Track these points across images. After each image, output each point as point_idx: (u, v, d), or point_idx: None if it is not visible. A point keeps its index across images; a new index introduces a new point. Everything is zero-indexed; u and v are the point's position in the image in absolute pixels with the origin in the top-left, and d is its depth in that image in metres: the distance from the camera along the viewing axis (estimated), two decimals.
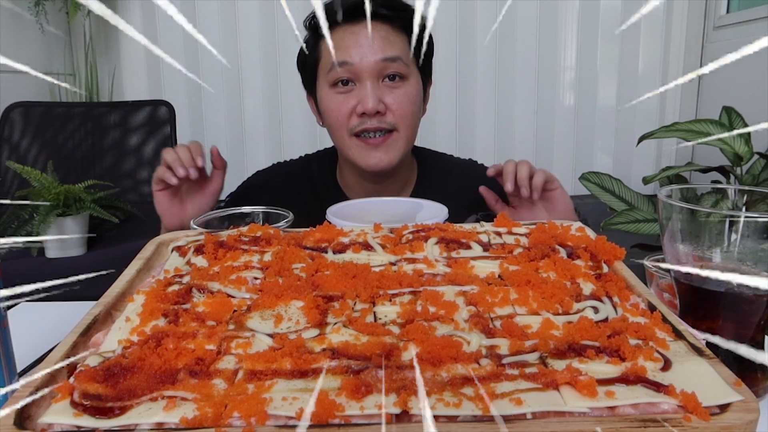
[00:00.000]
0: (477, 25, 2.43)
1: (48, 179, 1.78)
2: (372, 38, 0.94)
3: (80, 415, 0.38)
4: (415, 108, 0.99)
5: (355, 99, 0.96)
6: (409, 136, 1.01)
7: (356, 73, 0.95)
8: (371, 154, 0.98)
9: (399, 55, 0.95)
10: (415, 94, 0.99)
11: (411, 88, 0.98)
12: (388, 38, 0.95)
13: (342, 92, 0.97)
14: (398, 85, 0.97)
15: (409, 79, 0.98)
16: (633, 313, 0.50)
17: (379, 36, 0.95)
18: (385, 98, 0.95)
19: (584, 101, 2.48)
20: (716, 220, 0.55)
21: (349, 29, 0.95)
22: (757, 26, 2.04)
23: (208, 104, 2.52)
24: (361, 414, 0.37)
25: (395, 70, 0.95)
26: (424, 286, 0.54)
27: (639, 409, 0.38)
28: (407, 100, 0.97)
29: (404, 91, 0.97)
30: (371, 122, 0.96)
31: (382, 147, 0.98)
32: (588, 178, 2.06)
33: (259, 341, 0.46)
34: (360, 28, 0.95)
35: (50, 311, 0.86)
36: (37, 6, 2.22)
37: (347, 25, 0.96)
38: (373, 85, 0.95)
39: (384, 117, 0.96)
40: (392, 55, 0.94)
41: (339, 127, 0.98)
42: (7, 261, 1.72)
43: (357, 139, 0.98)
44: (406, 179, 1.11)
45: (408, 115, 0.98)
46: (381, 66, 0.94)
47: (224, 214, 0.86)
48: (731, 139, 1.73)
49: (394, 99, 0.96)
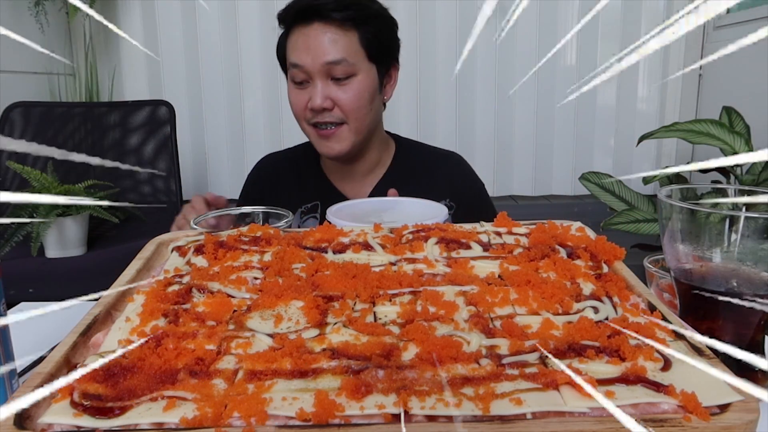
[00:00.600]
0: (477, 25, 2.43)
1: (48, 179, 1.78)
2: (319, 41, 1.02)
3: (80, 415, 0.38)
4: (362, 102, 1.07)
5: (308, 95, 1.05)
6: (359, 127, 1.08)
7: (307, 72, 1.04)
8: (323, 143, 1.09)
9: (343, 57, 1.03)
10: (364, 89, 1.06)
11: (359, 84, 1.05)
12: (334, 40, 1.03)
13: (299, 88, 1.07)
14: (345, 83, 1.05)
15: (357, 75, 1.05)
16: (633, 313, 0.50)
17: (326, 38, 1.03)
18: (332, 95, 1.04)
19: (584, 101, 2.48)
20: (716, 220, 0.55)
21: (303, 31, 1.04)
22: (757, 26, 2.03)
23: (208, 104, 2.51)
24: (361, 414, 0.37)
25: (341, 72, 1.03)
26: (424, 286, 0.54)
27: (639, 409, 0.38)
28: (354, 96, 1.05)
29: (351, 87, 1.05)
30: (321, 116, 1.06)
31: (333, 138, 1.08)
32: (588, 178, 2.06)
33: (259, 341, 0.46)
34: (310, 30, 1.03)
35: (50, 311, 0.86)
36: (37, 6, 2.22)
37: (301, 26, 1.05)
38: (322, 83, 1.04)
39: (332, 112, 1.06)
40: (335, 58, 1.02)
41: (299, 118, 1.10)
42: (7, 261, 1.72)
43: (312, 129, 1.09)
44: (377, 160, 1.20)
45: (355, 110, 1.06)
46: (326, 68, 1.03)
47: (224, 214, 0.86)
48: (731, 139, 1.73)
49: (343, 95, 1.04)
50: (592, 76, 0.27)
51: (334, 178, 1.20)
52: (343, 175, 1.19)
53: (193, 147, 2.54)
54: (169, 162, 2.06)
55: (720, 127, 1.77)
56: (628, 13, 2.40)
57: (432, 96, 2.48)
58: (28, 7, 2.22)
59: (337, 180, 1.20)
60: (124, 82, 2.52)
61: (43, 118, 2.06)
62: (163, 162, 2.06)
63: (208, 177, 2.57)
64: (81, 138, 2.08)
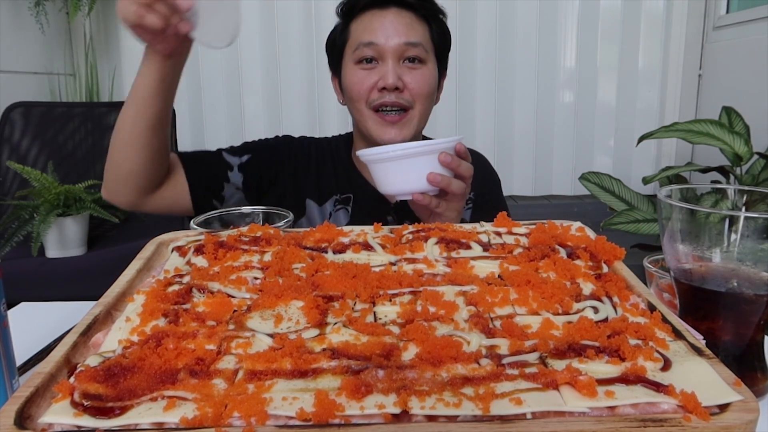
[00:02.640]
0: (477, 25, 2.43)
1: (48, 179, 1.78)
2: (397, 23, 1.04)
3: (80, 415, 0.38)
4: (430, 90, 1.07)
5: (377, 75, 1.04)
6: (423, 115, 1.08)
7: (380, 52, 1.04)
8: (387, 129, 1.06)
9: (420, 41, 1.04)
10: (432, 77, 1.07)
11: (428, 72, 1.06)
12: (411, 25, 1.05)
13: (366, 68, 1.05)
14: (417, 67, 1.05)
15: (427, 63, 1.06)
16: (633, 313, 0.50)
17: (404, 22, 1.04)
18: (404, 77, 1.04)
19: (584, 101, 2.48)
20: (716, 220, 0.55)
21: (378, 13, 1.05)
22: (756, 26, 2.04)
23: (208, 104, 2.51)
24: (361, 414, 0.37)
25: (415, 53, 1.04)
26: (424, 286, 0.54)
27: (639, 409, 0.38)
28: (424, 80, 1.05)
29: (422, 73, 1.05)
30: (389, 97, 1.03)
31: (398, 124, 1.05)
32: (588, 178, 2.06)
33: (259, 341, 0.46)
34: (387, 13, 1.05)
35: (50, 311, 0.86)
36: (37, 6, 2.22)
37: (376, 9, 1.06)
38: (394, 63, 1.03)
39: (402, 94, 1.04)
40: (414, 40, 1.04)
41: (359, 99, 1.06)
42: (7, 261, 1.72)
43: (375, 114, 1.06)
44: None
45: (424, 95, 1.05)
46: (403, 48, 1.03)
47: (224, 214, 0.87)
48: (731, 139, 1.73)
49: (413, 78, 1.04)
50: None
51: (365, 173, 1.17)
52: None
53: (193, 147, 2.54)
54: None
55: (719, 127, 1.77)
56: (628, 13, 2.40)
57: None
58: (28, 7, 2.22)
59: (369, 175, 1.16)
60: (125, 82, 2.52)
61: (43, 118, 2.06)
62: None
63: None
64: (81, 138, 2.08)
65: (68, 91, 2.45)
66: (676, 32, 2.42)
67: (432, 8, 1.08)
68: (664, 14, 2.40)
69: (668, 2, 2.39)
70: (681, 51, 2.42)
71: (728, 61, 2.24)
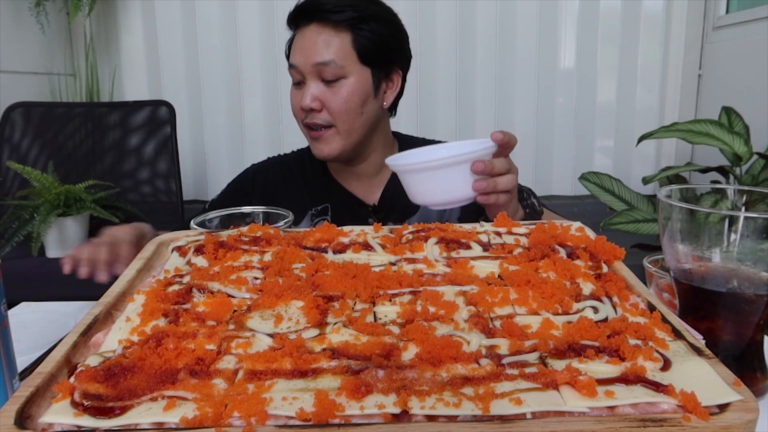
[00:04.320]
0: (477, 25, 2.43)
1: (48, 179, 1.78)
2: (311, 42, 1.04)
3: (81, 415, 0.38)
4: (351, 105, 1.06)
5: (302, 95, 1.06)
6: (349, 130, 1.08)
7: (301, 73, 1.06)
8: (314, 144, 1.11)
9: (332, 58, 1.03)
10: (353, 92, 1.06)
11: (348, 88, 1.05)
12: (326, 41, 1.03)
13: (297, 88, 1.09)
14: (335, 86, 1.05)
15: (347, 78, 1.05)
16: (633, 313, 0.50)
17: (319, 39, 1.04)
18: (322, 96, 1.05)
19: (584, 101, 2.48)
20: (716, 220, 0.56)
21: (302, 32, 1.06)
22: (756, 26, 2.04)
23: (208, 104, 2.51)
24: (361, 414, 0.37)
25: (330, 74, 1.04)
26: (424, 286, 0.54)
27: (638, 409, 0.38)
28: (341, 99, 1.05)
29: (339, 90, 1.05)
30: (309, 117, 1.07)
31: (321, 140, 1.09)
32: (588, 178, 2.06)
33: (259, 341, 0.46)
34: (306, 31, 1.05)
35: (50, 311, 0.86)
36: (37, 6, 2.22)
37: (302, 27, 1.07)
38: (314, 84, 1.05)
39: (320, 114, 1.06)
40: (324, 60, 1.03)
41: (296, 118, 1.12)
42: (7, 261, 1.72)
43: (307, 129, 1.10)
44: (382, 162, 1.15)
45: (342, 113, 1.06)
46: (317, 69, 1.04)
47: (224, 214, 0.87)
48: (730, 139, 1.73)
49: (330, 98, 1.05)
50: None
51: (341, 179, 1.19)
52: (349, 177, 1.18)
53: (193, 147, 2.54)
54: (170, 162, 2.06)
55: (719, 128, 1.77)
56: (628, 13, 2.41)
57: (432, 96, 2.48)
58: (28, 7, 2.22)
59: (345, 181, 1.19)
60: (125, 83, 2.52)
61: (43, 119, 2.06)
62: (164, 162, 2.06)
63: (208, 177, 2.57)
64: (81, 138, 2.08)
65: (68, 92, 2.45)
66: (676, 32, 2.42)
67: (355, 15, 1.04)
68: (664, 14, 2.40)
69: (668, 2, 2.39)
70: (681, 51, 2.42)
71: (728, 61, 2.24)
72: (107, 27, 2.50)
